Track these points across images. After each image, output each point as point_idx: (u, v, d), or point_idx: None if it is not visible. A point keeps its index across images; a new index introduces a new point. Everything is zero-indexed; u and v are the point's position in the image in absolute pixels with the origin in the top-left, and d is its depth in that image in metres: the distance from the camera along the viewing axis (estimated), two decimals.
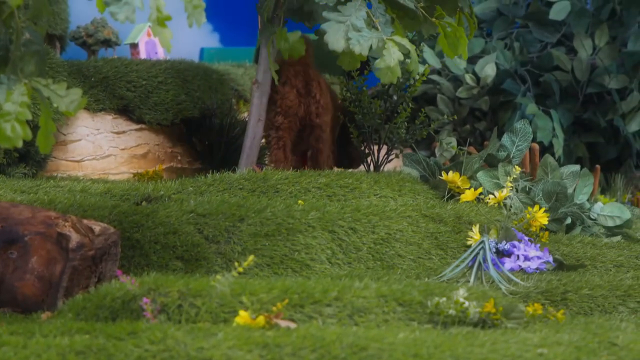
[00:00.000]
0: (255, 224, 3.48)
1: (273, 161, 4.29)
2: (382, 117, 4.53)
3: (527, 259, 3.49)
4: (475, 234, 3.71)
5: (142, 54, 5.61)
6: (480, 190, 4.18)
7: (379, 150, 4.61)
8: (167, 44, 2.49)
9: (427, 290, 2.65)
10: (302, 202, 3.72)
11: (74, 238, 2.87)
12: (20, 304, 2.86)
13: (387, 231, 3.65)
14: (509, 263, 3.46)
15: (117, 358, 2.17)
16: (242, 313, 2.42)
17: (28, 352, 2.17)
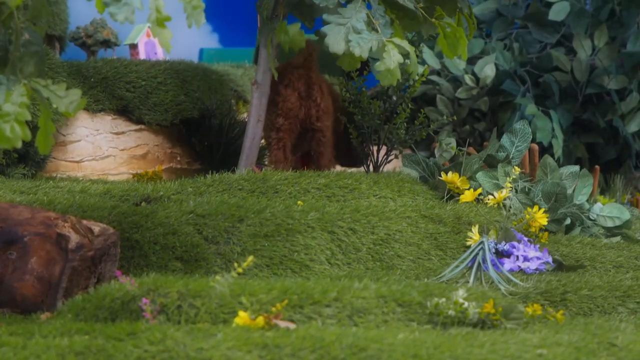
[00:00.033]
0: (255, 225, 3.48)
1: (273, 161, 4.29)
2: (381, 117, 4.53)
3: (526, 259, 3.49)
4: (474, 234, 3.71)
5: (142, 55, 5.61)
6: (479, 190, 4.17)
7: (378, 150, 4.61)
8: (167, 44, 2.49)
9: (426, 291, 2.65)
10: (302, 203, 3.72)
11: (74, 239, 2.87)
12: (20, 305, 2.86)
13: (387, 232, 3.65)
14: (508, 264, 3.46)
15: (117, 359, 2.17)
16: (241, 314, 2.42)
17: (27, 353, 2.17)
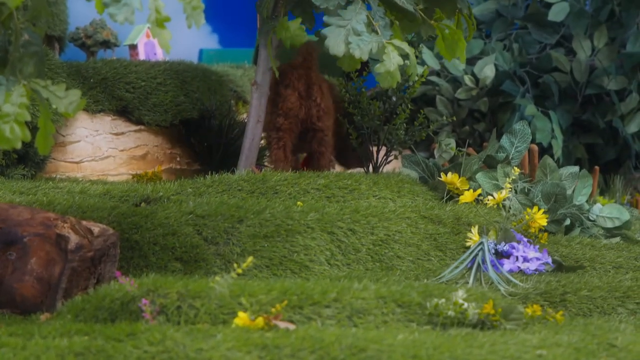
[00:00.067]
0: (254, 225, 3.48)
1: (272, 161, 4.29)
2: (381, 118, 4.53)
3: (526, 260, 3.49)
4: (474, 235, 3.71)
5: (141, 55, 5.61)
6: (479, 191, 4.17)
7: (377, 151, 4.61)
8: (166, 45, 2.49)
9: (426, 292, 2.65)
10: (301, 204, 3.72)
11: (73, 239, 2.87)
12: (19, 305, 2.86)
13: (386, 232, 3.65)
14: (508, 264, 3.46)
15: (116, 359, 2.17)
16: (241, 314, 2.42)
17: (27, 354, 2.17)
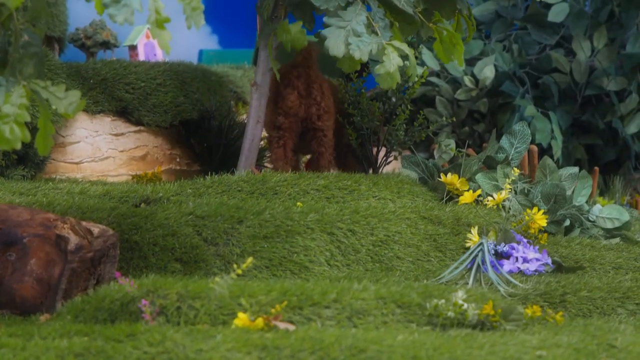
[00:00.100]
0: (254, 226, 3.48)
1: (273, 159, 4.29)
2: (380, 119, 4.53)
3: (525, 260, 3.49)
4: (474, 236, 3.71)
5: (141, 56, 5.61)
6: (479, 192, 4.18)
7: (377, 152, 4.61)
8: (166, 45, 2.49)
9: (425, 292, 2.65)
10: (301, 204, 3.72)
11: (73, 240, 2.87)
12: (19, 306, 2.86)
13: (386, 233, 3.65)
14: (507, 265, 3.46)
15: None
16: (240, 315, 2.42)
17: (27, 354, 2.17)
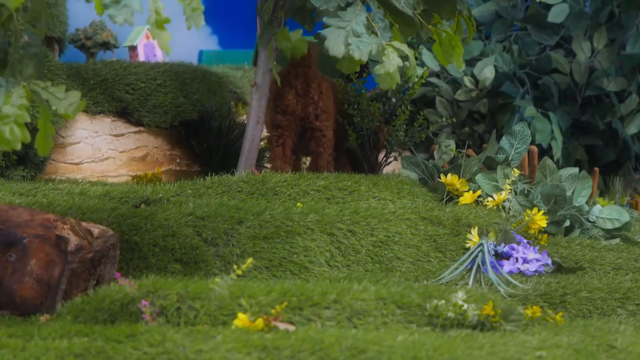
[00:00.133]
0: (254, 227, 3.48)
1: (272, 158, 4.29)
2: (380, 119, 4.53)
3: (525, 261, 3.49)
4: (474, 236, 3.71)
5: (141, 57, 5.61)
6: (479, 192, 4.18)
7: (377, 152, 4.61)
8: (166, 46, 2.49)
9: (425, 293, 2.65)
10: (301, 205, 3.72)
11: (73, 240, 2.87)
12: (19, 307, 2.86)
13: (386, 234, 3.65)
14: (507, 265, 3.46)
15: None
16: (240, 316, 2.42)
17: (27, 355, 2.17)
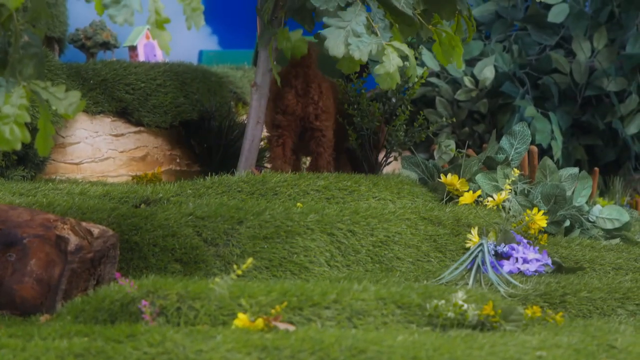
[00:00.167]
0: (254, 227, 3.48)
1: (272, 158, 4.29)
2: (380, 119, 4.53)
3: (525, 261, 3.49)
4: (474, 236, 3.71)
5: (141, 57, 5.61)
6: (479, 192, 4.18)
7: (377, 152, 4.61)
8: (166, 46, 2.49)
9: (425, 293, 2.65)
10: (301, 205, 3.72)
11: (73, 240, 2.87)
12: (19, 307, 2.86)
13: (386, 234, 3.65)
14: (507, 265, 3.46)
15: None
16: (240, 316, 2.42)
17: (27, 355, 2.17)
